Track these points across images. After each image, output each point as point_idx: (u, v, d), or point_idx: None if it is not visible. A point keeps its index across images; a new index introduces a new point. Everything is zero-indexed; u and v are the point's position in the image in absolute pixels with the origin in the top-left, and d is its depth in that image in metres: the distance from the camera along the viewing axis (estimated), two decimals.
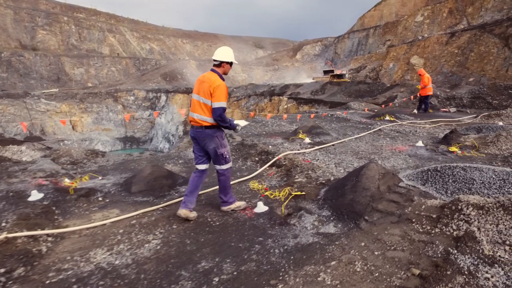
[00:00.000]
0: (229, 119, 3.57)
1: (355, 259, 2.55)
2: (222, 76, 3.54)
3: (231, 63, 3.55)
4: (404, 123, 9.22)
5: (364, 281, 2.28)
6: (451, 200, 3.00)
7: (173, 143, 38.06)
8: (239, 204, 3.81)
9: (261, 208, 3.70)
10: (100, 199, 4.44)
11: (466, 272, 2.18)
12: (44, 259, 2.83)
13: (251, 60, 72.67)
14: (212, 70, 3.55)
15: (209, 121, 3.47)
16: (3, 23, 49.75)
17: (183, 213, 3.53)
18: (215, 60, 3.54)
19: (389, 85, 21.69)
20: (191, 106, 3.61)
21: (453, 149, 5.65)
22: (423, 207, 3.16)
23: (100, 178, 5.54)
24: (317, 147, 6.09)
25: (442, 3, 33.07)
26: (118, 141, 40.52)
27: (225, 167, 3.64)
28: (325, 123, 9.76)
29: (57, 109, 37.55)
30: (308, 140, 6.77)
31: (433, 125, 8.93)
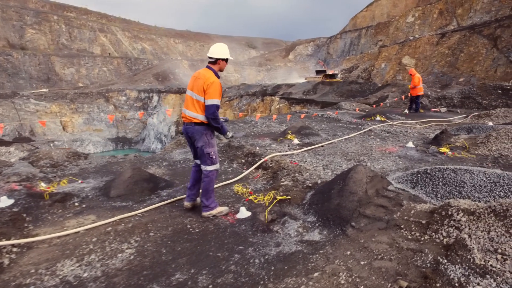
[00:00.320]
0: (222, 121, 3.47)
1: (340, 270, 2.38)
2: (217, 73, 3.46)
3: (226, 60, 3.47)
4: (394, 123, 9.13)
5: None
6: (441, 205, 2.86)
7: (165, 143, 37.65)
8: (221, 209, 3.63)
9: (243, 213, 3.52)
10: (76, 204, 4.22)
11: (456, 284, 2.03)
12: (4, 273, 2.61)
13: (243, 60, 72.47)
14: (207, 67, 3.45)
15: (200, 118, 3.38)
16: None
17: (190, 204, 3.76)
18: (210, 57, 3.44)
19: (381, 85, 21.71)
20: (185, 102, 3.55)
21: (443, 150, 5.54)
22: (412, 212, 3.01)
23: (79, 181, 5.30)
24: (305, 149, 5.94)
25: (432, 4, 33.33)
26: (109, 141, 39.98)
27: (210, 168, 3.51)
28: (315, 123, 9.62)
29: (47, 109, 36.89)
30: (296, 141, 6.61)
31: (424, 125, 8.87)
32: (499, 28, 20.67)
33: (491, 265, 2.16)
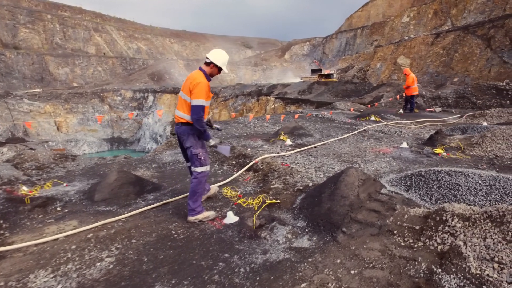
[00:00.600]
0: (206, 126, 3.41)
1: (328, 280, 2.25)
2: (208, 75, 3.40)
3: (220, 69, 3.41)
4: (389, 123, 9.04)
5: None
6: (435, 209, 2.74)
7: (160, 143, 37.34)
8: (207, 214, 3.48)
9: (231, 218, 3.38)
10: (58, 209, 4.05)
11: None
12: None
13: (239, 60, 72.30)
14: (200, 68, 3.43)
15: (186, 118, 3.37)
16: None
17: (205, 196, 3.96)
18: (207, 58, 3.41)
19: (376, 85, 21.66)
20: (177, 103, 3.56)
21: (438, 151, 5.44)
22: (406, 217, 2.89)
23: (64, 184, 5.12)
24: (297, 150, 5.80)
25: (427, 5, 33.39)
26: (104, 142, 39.61)
27: (199, 170, 3.43)
28: (309, 123, 9.50)
29: (40, 109, 36.43)
30: (289, 142, 6.47)
31: (419, 126, 8.78)
32: (492, 28, 20.72)
33: (488, 275, 2.04)
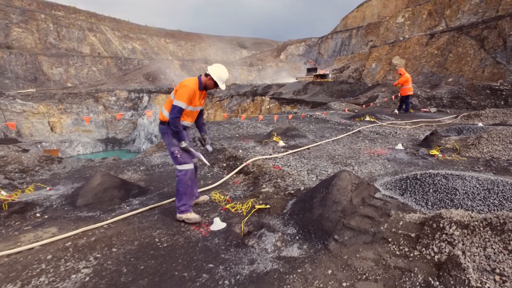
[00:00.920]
0: (182, 130, 3.32)
1: None
2: (201, 84, 3.36)
3: (215, 83, 3.34)
4: (384, 124, 8.92)
5: None
6: (432, 216, 2.59)
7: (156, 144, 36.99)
8: (191, 216, 3.41)
9: (218, 225, 3.21)
10: (38, 215, 3.85)
11: None
12: None
13: (235, 60, 72.07)
14: (199, 75, 3.42)
15: (166, 116, 3.36)
16: None
17: (193, 202, 3.72)
18: (208, 69, 3.44)
19: (371, 85, 21.61)
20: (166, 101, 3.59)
21: (434, 152, 5.32)
22: (401, 223, 2.74)
23: (47, 188, 4.92)
24: (290, 151, 5.64)
25: (421, 5, 33.48)
26: (99, 142, 39.17)
27: (179, 168, 3.43)
28: (303, 124, 9.35)
29: (34, 110, 35.91)
30: (282, 143, 6.31)
31: (414, 126, 8.68)
32: (486, 29, 20.79)
33: None
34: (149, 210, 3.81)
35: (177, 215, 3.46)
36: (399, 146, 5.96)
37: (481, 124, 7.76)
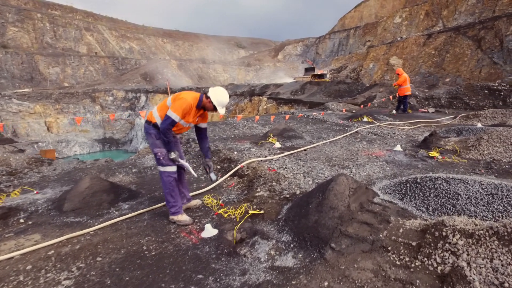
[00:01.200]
0: (172, 141, 3.22)
1: None
2: (201, 103, 3.25)
3: (215, 107, 3.24)
4: (382, 124, 8.79)
5: None
6: (434, 223, 2.45)
7: None
8: (181, 218, 3.35)
9: (209, 232, 3.06)
10: (21, 221, 3.68)
11: None
12: None
13: (232, 60, 71.88)
14: (201, 93, 3.32)
15: (157, 120, 3.28)
16: None
17: (185, 206, 3.67)
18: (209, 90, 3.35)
19: (369, 85, 21.51)
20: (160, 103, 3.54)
21: (433, 154, 5.19)
22: (401, 230, 2.61)
23: (35, 192, 4.75)
24: (286, 153, 5.49)
25: (419, 6, 33.47)
26: (96, 142, 38.92)
27: (161, 169, 3.34)
28: (300, 125, 9.20)
29: (30, 109, 35.62)
30: (278, 144, 6.16)
31: (412, 127, 8.56)
32: (482, 29, 20.78)
33: None
34: (138, 215, 3.66)
35: (169, 217, 3.41)
36: (398, 147, 5.83)
37: (480, 124, 7.65)
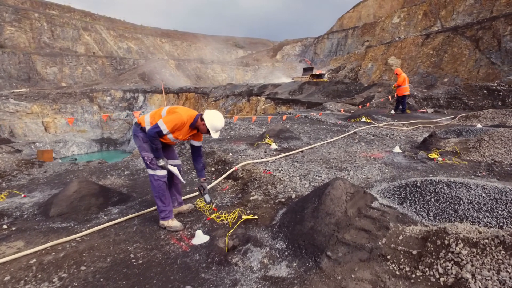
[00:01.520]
0: (159, 149, 3.13)
1: None
2: (195, 123, 3.18)
3: (208, 130, 3.17)
4: (380, 125, 8.67)
5: None
6: (435, 230, 2.32)
7: None
8: (172, 224, 3.22)
9: (200, 238, 2.92)
10: (5, 226, 3.53)
11: None
12: None
13: (231, 60, 71.72)
14: (198, 113, 3.23)
15: (146, 124, 3.20)
16: None
17: (177, 210, 3.59)
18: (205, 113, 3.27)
19: (367, 85, 21.42)
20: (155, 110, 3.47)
21: (433, 155, 5.07)
22: (401, 237, 2.47)
23: (22, 195, 4.60)
24: (282, 155, 5.36)
25: (417, 6, 33.45)
26: (94, 142, 38.69)
27: (151, 173, 3.22)
28: (297, 125, 9.07)
29: (27, 109, 35.37)
30: (274, 146, 6.03)
31: (411, 127, 8.44)
32: (480, 30, 20.73)
33: None
34: (128, 220, 3.52)
35: (160, 222, 3.30)
36: (397, 149, 5.71)
37: (479, 125, 7.54)
